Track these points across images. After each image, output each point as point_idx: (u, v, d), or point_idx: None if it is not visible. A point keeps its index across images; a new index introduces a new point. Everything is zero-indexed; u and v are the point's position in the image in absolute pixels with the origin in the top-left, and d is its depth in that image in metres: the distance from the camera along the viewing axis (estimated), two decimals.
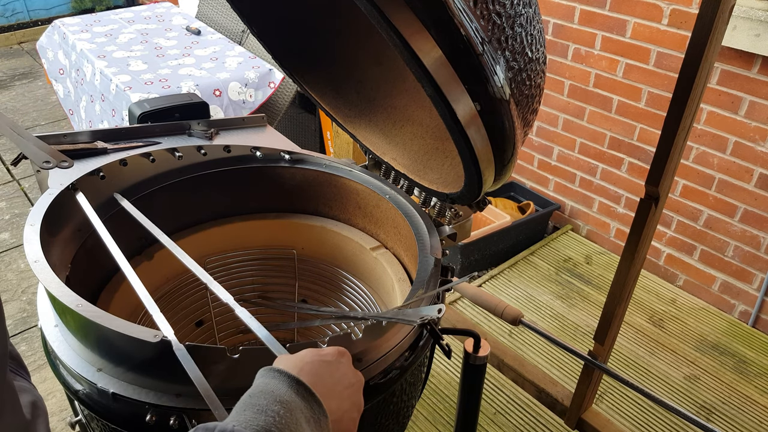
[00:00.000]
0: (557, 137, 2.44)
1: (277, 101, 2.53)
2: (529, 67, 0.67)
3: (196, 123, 1.18)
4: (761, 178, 1.89)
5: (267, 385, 0.50)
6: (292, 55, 1.04)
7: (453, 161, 0.98)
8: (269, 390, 0.49)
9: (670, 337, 1.99)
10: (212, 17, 3.05)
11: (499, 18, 0.61)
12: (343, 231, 1.16)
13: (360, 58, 1.07)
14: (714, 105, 1.93)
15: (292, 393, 0.50)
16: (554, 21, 2.26)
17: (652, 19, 1.98)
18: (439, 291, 0.81)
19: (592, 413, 0.98)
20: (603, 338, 0.88)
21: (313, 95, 1.08)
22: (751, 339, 2.00)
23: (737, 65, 1.83)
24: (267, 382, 0.51)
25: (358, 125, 1.10)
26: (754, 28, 1.71)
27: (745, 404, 1.75)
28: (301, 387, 0.51)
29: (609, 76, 2.17)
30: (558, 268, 2.31)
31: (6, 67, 4.28)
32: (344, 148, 2.55)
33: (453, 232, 0.99)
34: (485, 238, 2.23)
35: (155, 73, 2.37)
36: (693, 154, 2.04)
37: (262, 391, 0.49)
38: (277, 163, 1.14)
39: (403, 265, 1.06)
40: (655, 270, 2.30)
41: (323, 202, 1.18)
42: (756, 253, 1.98)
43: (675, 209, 2.15)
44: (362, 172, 1.11)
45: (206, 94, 2.27)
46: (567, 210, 2.54)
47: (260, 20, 0.99)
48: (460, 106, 0.66)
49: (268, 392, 0.49)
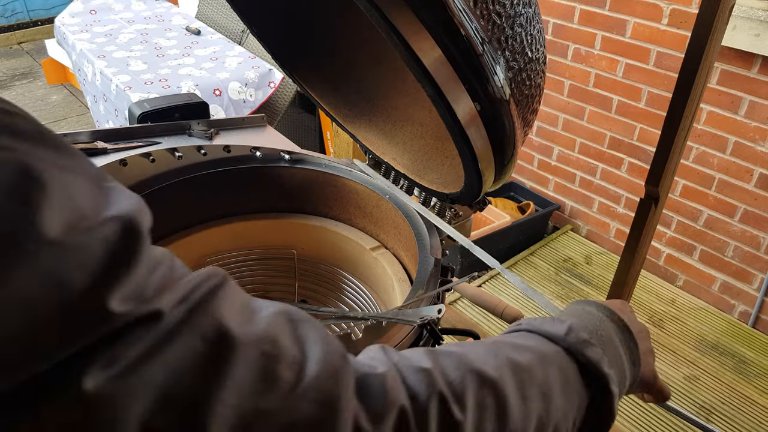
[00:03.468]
0: (557, 137, 2.44)
1: (277, 101, 2.53)
2: (529, 67, 0.67)
3: (196, 123, 1.18)
4: (761, 178, 1.89)
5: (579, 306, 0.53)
6: (292, 55, 1.04)
7: (453, 161, 0.98)
8: (584, 309, 0.52)
9: (670, 337, 1.99)
10: (212, 17, 3.05)
11: (499, 18, 0.61)
12: (343, 231, 1.16)
13: (360, 58, 1.07)
14: (714, 105, 1.93)
15: (605, 318, 0.51)
16: (554, 21, 2.26)
17: (652, 19, 1.98)
18: (439, 291, 0.81)
19: None
20: None
21: (313, 95, 1.08)
22: (751, 339, 2.00)
23: (737, 65, 1.83)
24: (581, 306, 0.53)
25: (358, 125, 1.10)
26: (754, 28, 1.71)
27: (745, 404, 1.75)
28: (615, 315, 0.51)
29: (609, 76, 2.17)
30: (558, 268, 2.31)
31: (5, 68, 4.28)
32: (344, 148, 2.55)
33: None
34: (485, 238, 2.23)
35: (155, 73, 2.37)
36: (693, 154, 2.04)
37: (580, 310, 0.52)
38: (277, 163, 1.14)
39: (403, 265, 1.06)
40: (655, 270, 2.30)
41: (323, 202, 1.18)
42: (756, 253, 1.98)
43: (675, 209, 2.15)
44: (362, 172, 1.11)
45: (206, 93, 2.27)
46: (567, 210, 2.54)
47: (260, 20, 0.99)
48: (460, 106, 0.66)
49: (583, 310, 0.51)
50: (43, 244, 0.25)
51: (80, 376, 0.25)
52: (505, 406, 0.38)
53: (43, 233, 0.25)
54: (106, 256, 0.27)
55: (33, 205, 0.25)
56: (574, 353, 0.45)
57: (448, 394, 0.36)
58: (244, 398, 0.29)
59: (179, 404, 0.28)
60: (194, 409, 0.28)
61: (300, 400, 0.31)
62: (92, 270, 0.26)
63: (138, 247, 0.29)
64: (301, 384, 0.31)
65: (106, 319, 0.26)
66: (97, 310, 0.26)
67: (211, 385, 0.28)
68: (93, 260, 0.26)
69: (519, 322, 0.50)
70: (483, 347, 0.42)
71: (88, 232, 0.27)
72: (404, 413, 0.34)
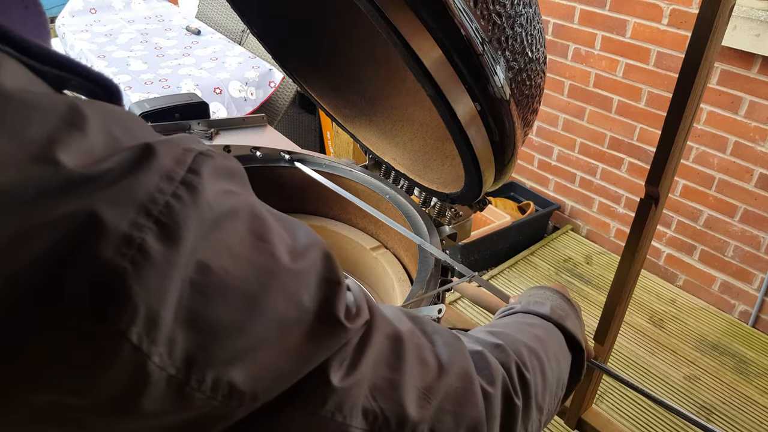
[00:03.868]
0: (557, 137, 2.44)
1: (277, 101, 2.53)
2: (529, 67, 0.67)
3: (196, 123, 1.18)
4: (761, 178, 1.89)
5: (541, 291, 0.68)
6: (292, 55, 1.04)
7: (453, 161, 0.98)
8: (545, 293, 0.67)
9: (670, 337, 1.99)
10: (212, 17, 3.05)
11: (500, 18, 0.61)
12: (343, 231, 1.16)
13: (360, 58, 1.07)
14: (714, 105, 1.93)
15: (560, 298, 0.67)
16: (554, 21, 2.26)
17: (652, 19, 1.98)
18: (439, 291, 0.81)
19: (592, 413, 0.98)
20: (603, 338, 0.88)
21: (313, 95, 1.08)
22: (751, 339, 2.00)
23: (737, 65, 1.83)
24: (541, 291, 0.68)
25: (358, 125, 1.10)
26: (754, 28, 1.71)
27: (745, 404, 1.75)
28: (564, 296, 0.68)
29: (609, 76, 2.17)
30: (558, 268, 2.31)
31: None
32: (344, 148, 2.55)
33: (453, 232, 0.99)
34: (485, 238, 2.23)
35: (155, 73, 2.37)
36: (693, 154, 2.04)
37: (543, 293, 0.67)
38: (277, 163, 1.14)
39: (403, 265, 1.06)
40: (655, 270, 2.30)
41: (323, 202, 1.18)
42: (756, 253, 1.98)
43: (675, 209, 2.15)
44: (362, 172, 1.11)
45: (207, 93, 2.27)
46: (567, 210, 2.54)
47: (260, 20, 0.99)
48: (460, 106, 0.66)
49: (545, 293, 0.67)
50: (285, 271, 0.31)
51: (328, 375, 0.33)
52: (544, 367, 0.52)
53: (282, 262, 0.31)
54: (319, 280, 0.33)
55: (270, 243, 0.31)
56: (558, 326, 0.60)
57: (519, 362, 0.49)
58: (416, 378, 0.38)
59: (383, 390, 0.36)
60: (393, 392, 0.37)
61: (449, 377, 0.41)
62: (314, 291, 0.32)
63: (337, 267, 0.35)
64: (444, 365, 0.41)
65: (343, 333, 0.34)
66: (338, 324, 0.33)
67: (397, 371, 0.37)
68: (312, 282, 0.33)
69: (509, 307, 0.64)
70: (512, 327, 0.56)
71: (303, 260, 0.33)
72: (504, 378, 0.46)
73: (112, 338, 0.25)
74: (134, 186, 0.26)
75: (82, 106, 0.27)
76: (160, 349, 0.26)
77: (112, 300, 0.25)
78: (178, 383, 0.27)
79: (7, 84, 0.25)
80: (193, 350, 0.27)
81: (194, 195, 0.28)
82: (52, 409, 0.25)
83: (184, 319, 0.27)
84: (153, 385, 0.26)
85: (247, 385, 0.29)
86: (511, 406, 0.45)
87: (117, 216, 0.25)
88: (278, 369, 0.31)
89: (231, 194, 0.30)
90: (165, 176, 0.27)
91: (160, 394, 0.27)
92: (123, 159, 0.27)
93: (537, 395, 0.49)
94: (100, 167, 0.26)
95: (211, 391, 0.28)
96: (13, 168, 0.24)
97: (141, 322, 0.25)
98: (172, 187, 0.27)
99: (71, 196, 0.25)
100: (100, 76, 0.31)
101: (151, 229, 0.26)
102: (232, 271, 0.29)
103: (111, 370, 0.25)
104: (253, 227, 0.31)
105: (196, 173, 0.29)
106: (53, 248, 0.24)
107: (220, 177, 0.30)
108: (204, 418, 0.29)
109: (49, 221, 0.24)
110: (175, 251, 0.26)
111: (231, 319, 0.28)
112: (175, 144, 0.29)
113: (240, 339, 0.29)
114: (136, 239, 0.25)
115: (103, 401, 0.26)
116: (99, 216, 0.25)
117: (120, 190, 0.26)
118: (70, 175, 0.25)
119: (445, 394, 0.40)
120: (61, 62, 0.29)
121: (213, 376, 0.28)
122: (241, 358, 0.29)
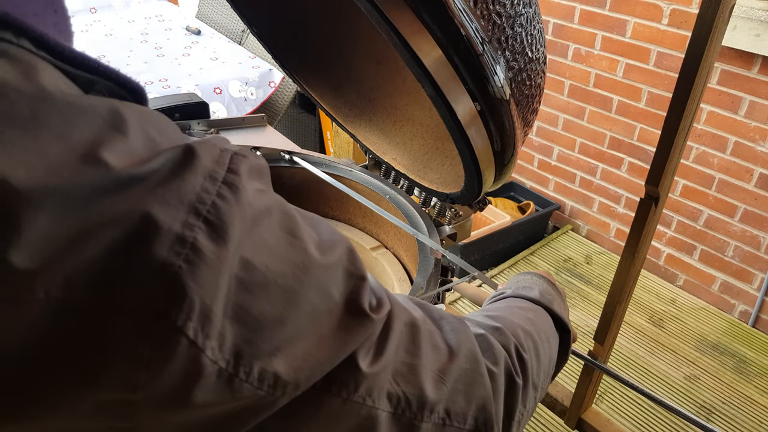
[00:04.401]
0: (557, 137, 2.44)
1: (277, 101, 2.54)
2: (529, 67, 0.67)
3: (196, 123, 1.18)
4: (761, 178, 1.89)
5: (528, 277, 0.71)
6: (293, 55, 1.04)
7: (453, 161, 0.98)
8: (533, 279, 0.69)
9: (670, 337, 1.99)
10: (212, 17, 3.05)
11: (500, 18, 0.61)
12: (343, 231, 1.16)
13: (360, 58, 1.07)
14: (714, 105, 1.93)
15: (547, 283, 0.69)
16: (554, 21, 2.27)
17: (652, 19, 1.98)
18: (439, 291, 0.81)
19: (592, 413, 0.98)
20: (603, 338, 0.88)
21: (313, 95, 1.08)
22: (751, 339, 2.00)
23: (737, 65, 1.83)
24: (529, 276, 0.71)
25: (358, 125, 1.10)
26: (754, 28, 1.71)
27: (745, 404, 1.75)
28: (550, 282, 0.70)
29: (609, 76, 2.17)
30: (558, 268, 2.31)
31: None
32: (344, 148, 2.55)
33: (453, 232, 0.99)
34: (485, 238, 2.23)
35: (155, 73, 2.37)
36: (693, 154, 2.04)
37: (531, 279, 0.69)
38: (277, 163, 1.14)
39: (403, 265, 1.06)
40: (655, 270, 2.30)
41: (323, 202, 1.18)
42: (756, 253, 1.98)
43: (675, 209, 2.15)
44: (362, 172, 1.11)
45: (206, 93, 2.27)
46: (567, 210, 2.54)
47: (260, 21, 0.99)
48: (460, 106, 0.66)
49: (532, 279, 0.69)
50: (316, 266, 0.33)
51: (357, 363, 0.35)
52: (538, 347, 0.55)
53: (314, 257, 0.33)
54: (345, 274, 0.35)
55: (301, 239, 0.33)
56: (547, 310, 0.62)
57: (517, 343, 0.52)
58: (431, 362, 0.41)
59: (404, 374, 0.38)
60: (413, 375, 0.39)
61: (459, 359, 0.43)
62: (341, 284, 0.34)
63: (360, 262, 0.36)
64: (454, 348, 0.43)
65: (370, 324, 0.35)
66: (365, 316, 0.35)
67: (415, 356, 0.39)
68: (339, 276, 0.34)
69: (499, 292, 0.67)
70: (507, 311, 0.59)
71: (331, 255, 0.34)
72: (506, 358, 0.49)
73: (171, 334, 0.26)
74: (182, 187, 0.27)
75: (122, 108, 0.28)
76: (212, 343, 0.27)
77: (170, 297, 0.25)
78: (228, 375, 0.28)
79: (50, 88, 0.26)
80: (240, 343, 0.28)
81: (237, 194, 0.29)
82: (109, 404, 0.26)
83: (231, 313, 0.28)
84: (205, 377, 0.27)
85: (290, 375, 0.31)
86: (513, 385, 0.48)
87: (169, 216, 0.26)
88: (315, 358, 0.32)
89: (264, 193, 0.32)
90: (209, 176, 0.28)
91: (212, 386, 0.28)
92: (167, 160, 0.28)
93: (533, 374, 0.52)
94: (145, 168, 0.27)
95: (258, 382, 0.29)
96: (65, 169, 0.24)
97: (196, 317, 0.26)
98: (216, 187, 0.28)
99: (124, 196, 0.25)
100: (128, 79, 0.31)
101: (201, 228, 0.27)
102: (271, 266, 0.30)
103: (169, 365, 0.26)
104: (285, 224, 0.32)
105: (236, 173, 0.30)
106: (112, 247, 0.25)
107: (254, 176, 0.32)
108: (250, 408, 0.31)
109: (106, 221, 0.25)
110: (224, 249, 0.27)
111: (272, 312, 0.30)
112: (212, 145, 0.30)
113: (281, 331, 0.30)
114: (189, 238, 0.26)
115: (159, 395, 0.27)
116: (153, 216, 0.26)
117: (169, 191, 0.27)
118: (118, 175, 0.26)
119: (457, 376, 0.42)
120: (91, 65, 0.29)
121: (259, 368, 0.29)
122: (283, 349, 0.30)
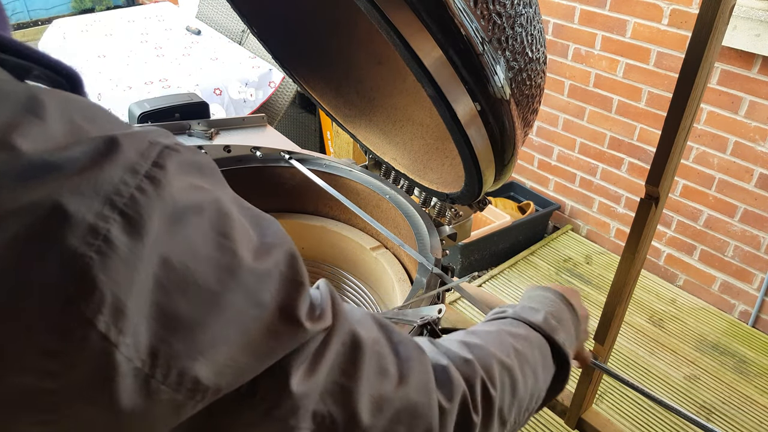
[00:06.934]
0: (557, 137, 2.44)
1: (277, 101, 2.53)
2: (529, 67, 0.67)
3: (196, 123, 1.18)
4: (761, 178, 1.89)
5: (541, 293, 0.66)
6: (292, 55, 1.04)
7: (453, 161, 0.98)
8: (545, 296, 0.65)
9: (670, 337, 1.99)
10: (212, 17, 3.05)
11: (500, 18, 0.61)
12: (343, 231, 1.16)
13: (360, 57, 1.07)
14: (714, 105, 1.93)
15: (561, 303, 0.65)
16: (554, 21, 2.26)
17: (652, 19, 1.98)
18: (439, 291, 0.81)
19: (592, 413, 0.98)
20: (603, 338, 0.88)
21: (313, 95, 1.08)
22: (751, 339, 2.00)
23: (737, 65, 1.83)
24: (542, 292, 0.66)
25: (358, 125, 1.10)
26: (754, 28, 1.71)
27: (745, 404, 1.75)
28: (567, 300, 0.66)
29: (609, 76, 2.17)
30: (558, 268, 2.31)
31: None
32: (344, 148, 2.55)
33: (453, 232, 0.99)
34: (485, 238, 2.23)
35: (155, 73, 2.37)
36: (693, 154, 2.04)
37: (542, 297, 0.65)
38: (277, 163, 1.14)
39: (403, 265, 1.06)
40: (655, 270, 2.30)
41: (323, 202, 1.18)
42: (756, 253, 1.98)
43: (675, 209, 2.15)
44: (362, 172, 1.11)
45: (206, 93, 2.27)
46: (567, 210, 2.54)
47: (260, 20, 0.99)
48: (460, 106, 0.66)
49: (545, 297, 0.64)
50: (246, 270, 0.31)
51: (288, 378, 0.33)
52: (515, 383, 0.51)
53: (244, 260, 0.31)
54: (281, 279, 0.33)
55: (233, 240, 0.31)
56: (547, 337, 0.59)
57: (485, 378, 0.48)
58: (371, 387, 0.38)
59: (334, 394, 0.36)
60: (345, 397, 0.37)
61: (407, 388, 0.40)
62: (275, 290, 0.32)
63: (301, 267, 0.35)
64: (404, 376, 0.41)
65: (302, 333, 0.34)
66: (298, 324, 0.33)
67: (351, 379, 0.37)
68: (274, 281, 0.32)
69: (503, 309, 0.62)
70: (492, 336, 0.55)
71: (267, 259, 0.32)
72: (464, 394, 0.45)
73: (80, 325, 0.25)
74: (99, 177, 0.26)
75: (41, 94, 0.27)
76: (127, 340, 0.26)
77: (79, 288, 0.25)
78: (145, 376, 0.27)
79: None
80: (157, 343, 0.27)
81: (158, 188, 0.28)
82: (30, 391, 0.26)
83: (147, 312, 0.27)
84: (122, 376, 0.27)
85: (210, 380, 0.30)
86: (467, 423, 0.46)
87: (82, 206, 0.25)
88: (239, 364, 0.31)
89: (198, 189, 0.31)
90: (129, 169, 0.28)
91: (131, 387, 0.27)
92: (87, 149, 0.27)
93: (502, 411, 0.49)
94: (62, 155, 0.26)
95: (176, 385, 0.28)
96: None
97: (108, 311, 0.25)
98: (137, 180, 0.27)
99: (35, 184, 0.25)
100: (60, 64, 0.31)
101: (116, 220, 0.26)
102: (192, 267, 0.29)
103: (81, 357, 0.25)
104: (217, 224, 0.31)
105: (161, 167, 0.29)
106: (19, 237, 0.24)
107: (187, 172, 0.30)
108: (169, 412, 0.30)
109: (14, 210, 0.24)
110: (139, 243, 0.27)
111: (192, 314, 0.29)
112: (141, 137, 0.29)
113: (201, 334, 0.29)
114: (102, 230, 0.26)
115: (78, 388, 0.26)
116: (63, 207, 0.25)
117: (85, 181, 0.26)
118: (30, 159, 0.25)
119: (400, 405, 0.40)
120: (20, 51, 0.29)
121: (177, 370, 0.28)
122: (204, 353, 0.29)
